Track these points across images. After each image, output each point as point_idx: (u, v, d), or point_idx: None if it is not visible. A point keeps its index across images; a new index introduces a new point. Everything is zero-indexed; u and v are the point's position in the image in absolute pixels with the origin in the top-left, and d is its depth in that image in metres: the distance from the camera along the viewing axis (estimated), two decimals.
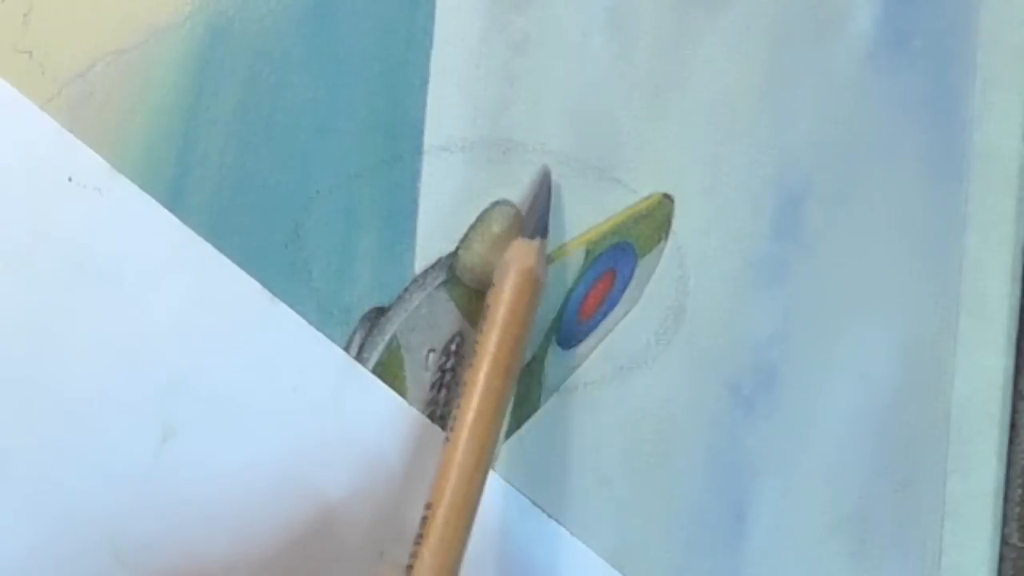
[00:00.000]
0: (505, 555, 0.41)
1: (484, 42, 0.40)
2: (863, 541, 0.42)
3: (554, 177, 0.40)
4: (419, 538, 0.37)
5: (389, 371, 0.40)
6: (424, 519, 0.37)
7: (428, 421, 0.40)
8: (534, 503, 0.41)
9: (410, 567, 0.37)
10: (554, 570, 0.41)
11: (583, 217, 0.41)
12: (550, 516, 0.41)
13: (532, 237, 0.39)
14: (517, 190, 0.40)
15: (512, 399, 0.40)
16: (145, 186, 0.38)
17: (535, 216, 0.39)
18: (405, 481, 0.40)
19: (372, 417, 0.40)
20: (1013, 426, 0.42)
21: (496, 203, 0.40)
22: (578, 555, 0.41)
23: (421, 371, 0.40)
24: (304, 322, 0.39)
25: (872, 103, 0.41)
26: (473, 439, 0.37)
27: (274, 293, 0.39)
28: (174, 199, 0.39)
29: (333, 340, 0.40)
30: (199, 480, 0.39)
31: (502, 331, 0.38)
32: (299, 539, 0.40)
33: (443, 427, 0.40)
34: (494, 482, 0.40)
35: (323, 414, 0.40)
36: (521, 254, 0.39)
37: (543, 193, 0.40)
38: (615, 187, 0.41)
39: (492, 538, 0.40)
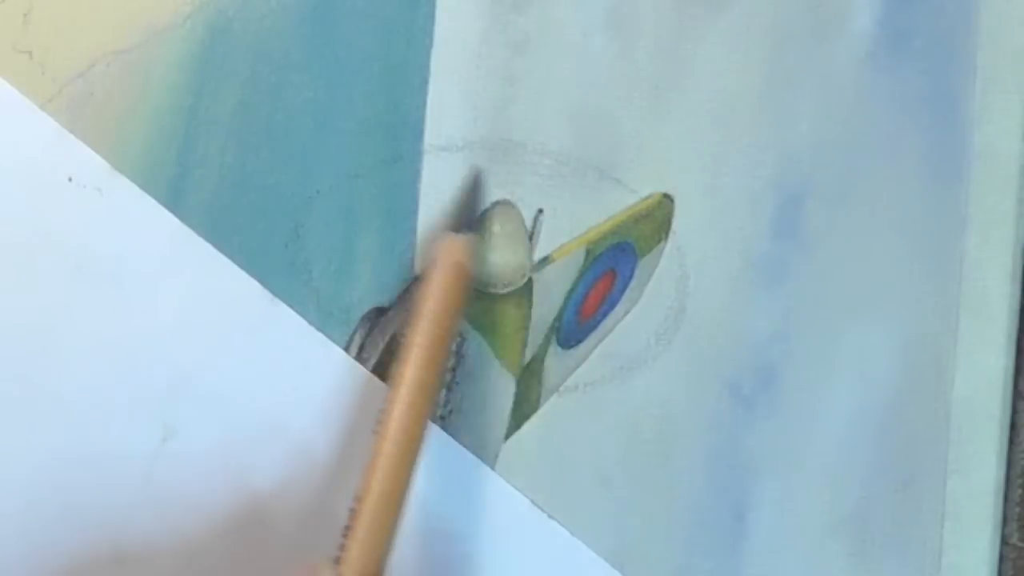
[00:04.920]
0: (505, 555, 0.41)
1: (484, 42, 0.40)
2: (863, 541, 0.42)
3: (554, 177, 0.40)
4: (346, 530, 0.36)
5: (389, 371, 0.40)
6: (352, 511, 0.37)
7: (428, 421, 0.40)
8: (534, 503, 0.41)
9: (337, 559, 0.36)
10: (554, 570, 0.41)
11: (583, 217, 0.41)
12: (550, 516, 0.41)
13: (459, 232, 0.39)
14: (517, 190, 0.40)
15: (440, 391, 0.39)
16: (145, 186, 0.38)
17: (464, 213, 0.39)
18: None
19: (372, 417, 0.40)
20: (1013, 426, 0.42)
21: (496, 203, 0.40)
22: (578, 555, 0.41)
23: None
24: (304, 322, 0.39)
25: (872, 103, 0.41)
26: (401, 431, 0.37)
27: (274, 293, 0.39)
28: (174, 199, 0.39)
29: (333, 340, 0.40)
30: (199, 480, 0.39)
31: (430, 325, 0.38)
32: (296, 537, 0.40)
33: (443, 427, 0.40)
34: (494, 482, 0.40)
35: (323, 414, 0.40)
36: (449, 249, 0.39)
37: (472, 191, 0.40)
38: (615, 187, 0.41)
39: (492, 538, 0.40)
